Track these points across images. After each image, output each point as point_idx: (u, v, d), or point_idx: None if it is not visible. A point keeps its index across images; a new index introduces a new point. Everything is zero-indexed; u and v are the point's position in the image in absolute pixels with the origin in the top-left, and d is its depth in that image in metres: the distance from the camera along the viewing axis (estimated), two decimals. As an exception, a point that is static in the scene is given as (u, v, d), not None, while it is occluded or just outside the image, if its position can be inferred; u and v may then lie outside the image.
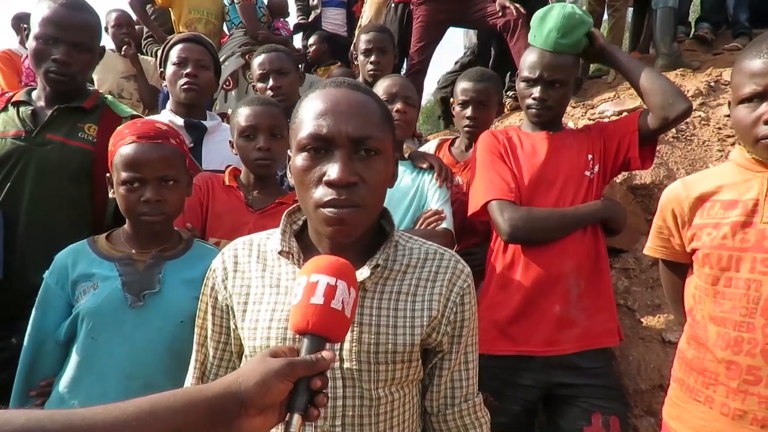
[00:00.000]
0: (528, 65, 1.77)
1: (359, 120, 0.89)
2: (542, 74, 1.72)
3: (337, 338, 0.76)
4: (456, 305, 0.99)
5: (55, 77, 1.70)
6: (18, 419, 0.56)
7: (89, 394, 1.25)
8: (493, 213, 1.70)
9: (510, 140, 1.82)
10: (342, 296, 0.75)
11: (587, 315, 1.66)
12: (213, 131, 2.15)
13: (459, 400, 1.03)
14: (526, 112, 1.82)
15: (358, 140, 0.88)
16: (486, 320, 1.64)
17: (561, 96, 1.77)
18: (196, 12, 3.81)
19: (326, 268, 0.77)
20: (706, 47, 3.66)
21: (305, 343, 0.74)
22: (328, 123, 0.87)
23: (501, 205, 1.68)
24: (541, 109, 1.76)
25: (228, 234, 1.68)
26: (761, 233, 1.17)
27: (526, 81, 1.78)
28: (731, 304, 1.19)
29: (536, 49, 1.76)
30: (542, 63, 1.73)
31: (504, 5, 3.33)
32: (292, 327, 0.76)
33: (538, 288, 1.66)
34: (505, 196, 1.68)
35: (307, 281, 0.76)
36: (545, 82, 1.73)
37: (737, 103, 1.21)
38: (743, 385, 1.16)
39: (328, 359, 0.72)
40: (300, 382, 0.70)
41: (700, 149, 2.63)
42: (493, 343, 1.66)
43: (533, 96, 1.75)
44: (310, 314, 0.74)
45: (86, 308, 1.29)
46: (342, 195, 0.86)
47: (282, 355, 0.73)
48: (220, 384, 0.70)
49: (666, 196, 1.36)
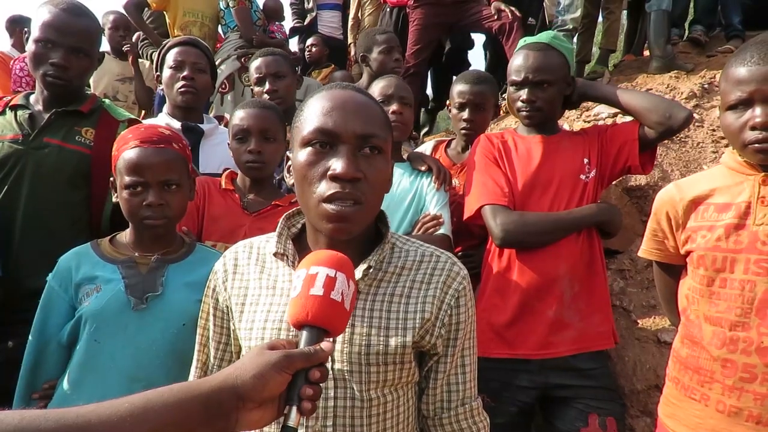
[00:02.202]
0: (514, 69, 1.78)
1: (364, 118, 0.91)
2: (527, 76, 1.74)
3: (336, 330, 0.76)
4: (451, 308, 0.98)
5: (52, 81, 1.70)
6: (12, 419, 0.56)
7: (92, 396, 1.24)
8: (486, 218, 1.71)
9: (505, 144, 1.83)
10: (341, 288, 0.75)
11: (581, 317, 1.67)
12: (210, 134, 2.15)
13: (455, 404, 1.01)
14: (517, 115, 1.83)
15: (363, 137, 0.89)
16: (482, 323, 1.65)
17: (550, 96, 1.76)
18: (191, 15, 3.80)
19: (326, 260, 0.77)
20: (700, 49, 3.69)
21: (304, 335, 0.74)
22: (334, 119, 0.89)
23: (494, 209, 1.69)
24: (530, 111, 1.77)
25: (224, 237, 1.69)
26: (754, 235, 1.19)
27: (514, 84, 1.79)
28: (726, 305, 1.21)
29: (522, 52, 1.78)
30: (527, 65, 1.74)
31: (499, 8, 3.36)
32: (290, 319, 0.75)
33: (533, 291, 1.67)
34: (498, 201, 1.70)
35: (307, 273, 0.76)
36: (532, 83, 1.74)
37: (725, 110, 1.24)
38: (739, 383, 1.18)
39: (327, 350, 0.72)
40: (298, 374, 0.70)
41: (695, 151, 2.65)
42: (489, 345, 1.67)
43: (521, 98, 1.76)
44: (310, 305, 0.73)
45: (89, 311, 1.29)
46: (346, 189, 0.87)
47: (280, 347, 0.72)
48: (217, 378, 0.69)
49: (660, 199, 1.38)
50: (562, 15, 3.64)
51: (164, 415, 0.63)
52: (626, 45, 4.57)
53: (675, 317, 1.46)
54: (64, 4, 1.71)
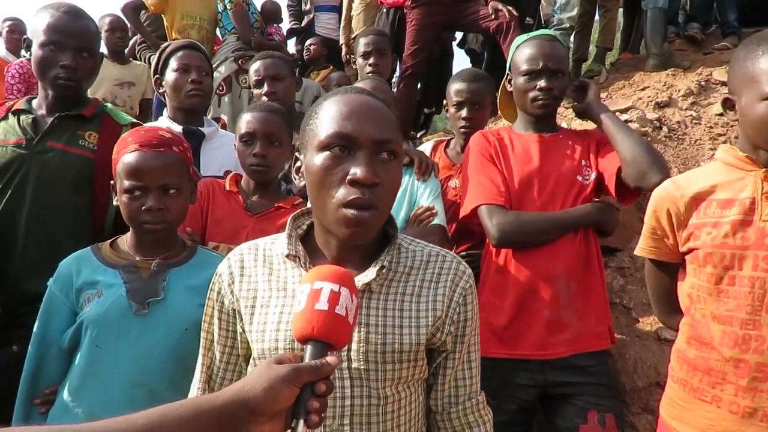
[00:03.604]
0: (527, 58, 1.74)
1: (381, 123, 0.92)
2: (546, 64, 1.70)
3: (339, 344, 0.77)
4: (459, 305, 1.02)
5: (64, 83, 1.71)
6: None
7: (93, 402, 1.26)
8: (482, 217, 1.70)
9: (501, 141, 1.82)
10: (345, 303, 0.76)
11: (579, 317, 1.66)
12: (210, 137, 2.16)
13: (463, 399, 1.05)
14: (530, 105, 1.77)
15: (380, 143, 0.91)
16: (480, 322, 1.64)
17: (564, 86, 1.75)
18: (189, 18, 3.81)
19: (329, 275, 0.78)
20: (696, 47, 3.71)
21: (309, 350, 0.75)
22: (353, 124, 0.90)
23: (490, 209, 1.68)
24: (548, 99, 1.73)
25: (227, 238, 1.70)
26: (761, 231, 1.18)
27: (527, 74, 1.74)
28: (736, 303, 1.19)
29: (532, 42, 1.75)
30: (543, 53, 1.71)
31: (497, 8, 3.36)
32: (295, 334, 0.76)
33: (530, 291, 1.67)
34: (495, 201, 1.69)
35: (311, 289, 0.77)
36: (550, 71, 1.71)
37: (760, 100, 1.17)
38: (753, 383, 1.16)
39: (333, 364, 0.73)
40: (305, 388, 0.71)
41: (692, 148, 2.67)
42: (488, 345, 1.65)
43: (539, 87, 1.72)
44: (315, 320, 0.74)
45: (91, 316, 1.29)
46: (366, 194, 0.88)
47: (287, 361, 0.73)
48: (228, 392, 0.70)
49: (658, 196, 1.35)
50: (558, 14, 3.65)
51: (180, 429, 0.63)
52: (623, 43, 4.59)
53: (666, 316, 1.46)
54: (65, 7, 1.73)
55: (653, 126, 2.80)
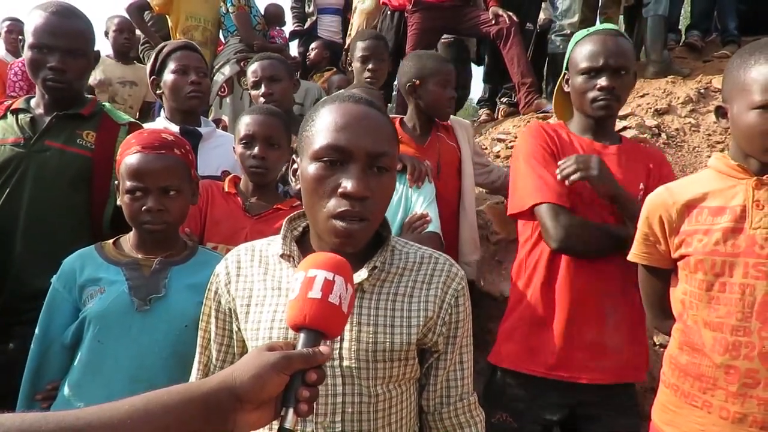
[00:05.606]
0: (588, 55, 1.60)
1: (376, 136, 0.93)
2: (608, 61, 1.57)
3: (333, 333, 0.76)
4: (451, 307, 1.03)
5: (53, 85, 1.71)
6: (13, 422, 0.56)
7: (94, 397, 1.26)
8: (542, 216, 1.56)
9: (560, 138, 1.68)
10: (339, 291, 0.75)
11: (622, 343, 1.56)
12: (208, 138, 2.16)
13: (454, 399, 1.05)
14: (590, 107, 1.62)
15: (374, 156, 0.92)
16: (517, 333, 1.59)
17: (626, 86, 1.62)
18: (193, 19, 3.83)
19: (324, 263, 0.78)
20: (696, 54, 3.73)
21: (301, 338, 0.74)
22: (347, 136, 0.91)
23: (554, 209, 1.54)
24: (610, 99, 1.58)
25: (225, 239, 1.71)
26: (751, 239, 1.19)
27: (586, 72, 1.60)
28: (726, 309, 1.20)
29: (594, 37, 1.62)
30: (606, 49, 1.58)
31: (497, 13, 3.39)
32: (288, 322, 0.76)
33: (579, 308, 1.56)
34: (560, 201, 1.55)
35: (305, 276, 0.76)
36: (612, 69, 1.57)
37: (749, 110, 1.19)
38: (742, 389, 1.17)
39: (326, 354, 0.72)
40: (295, 376, 0.70)
41: (690, 155, 2.68)
42: (522, 359, 1.59)
43: (599, 86, 1.58)
44: (307, 308, 0.74)
45: (93, 312, 1.31)
46: (356, 207, 0.89)
47: (278, 349, 0.72)
48: (216, 378, 0.70)
49: (651, 203, 1.36)
50: (559, 20, 3.67)
51: (165, 416, 0.63)
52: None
53: (659, 321, 1.46)
54: (54, 7, 1.72)
55: (652, 133, 2.82)
